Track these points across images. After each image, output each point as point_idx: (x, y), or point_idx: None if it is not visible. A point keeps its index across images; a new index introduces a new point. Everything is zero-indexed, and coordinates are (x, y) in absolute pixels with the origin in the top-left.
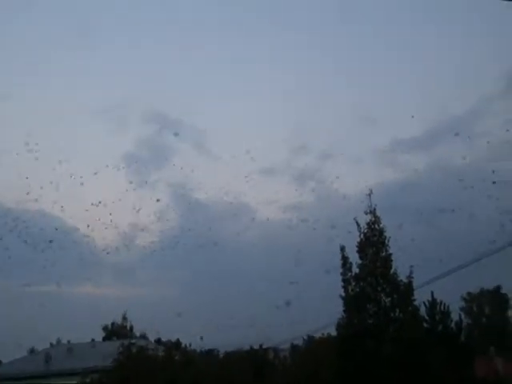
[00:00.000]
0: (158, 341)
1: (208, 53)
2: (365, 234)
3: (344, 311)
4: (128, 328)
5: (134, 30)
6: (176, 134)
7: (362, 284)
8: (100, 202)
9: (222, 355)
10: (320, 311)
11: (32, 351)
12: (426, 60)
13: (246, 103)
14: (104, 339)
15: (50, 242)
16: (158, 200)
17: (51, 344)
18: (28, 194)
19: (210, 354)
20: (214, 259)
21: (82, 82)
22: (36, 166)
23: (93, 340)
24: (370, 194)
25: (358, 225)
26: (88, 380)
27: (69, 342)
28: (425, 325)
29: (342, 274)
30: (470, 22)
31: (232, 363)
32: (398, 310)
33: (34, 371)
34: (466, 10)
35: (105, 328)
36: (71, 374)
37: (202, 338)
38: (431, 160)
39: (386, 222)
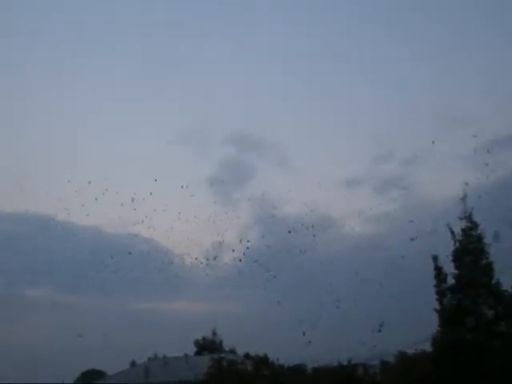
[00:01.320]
0: (247, 355)
1: (281, 68)
2: (460, 242)
3: (439, 325)
4: (218, 343)
5: (210, 56)
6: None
7: (458, 296)
8: (188, 223)
9: (309, 370)
10: (412, 325)
11: (133, 364)
12: None
13: (325, 115)
14: (196, 353)
15: (147, 263)
16: (241, 222)
17: (149, 358)
18: (125, 219)
19: (297, 369)
20: (299, 274)
21: (165, 110)
22: (129, 192)
23: (186, 354)
24: (463, 198)
25: (452, 232)
26: None
27: (164, 356)
28: None
29: (435, 285)
30: None
31: (320, 379)
32: (502, 323)
33: (136, 383)
34: None
35: (196, 342)
36: None
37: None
38: None
39: (482, 228)
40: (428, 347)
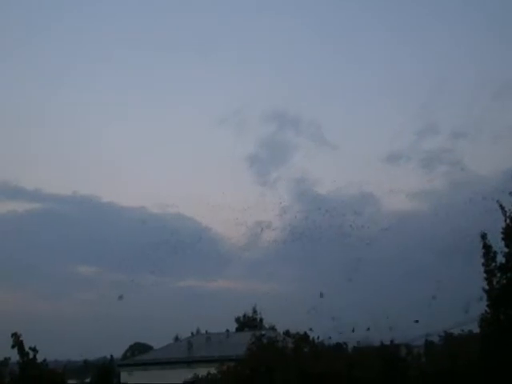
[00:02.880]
0: (287, 333)
1: (319, 43)
2: (511, 219)
3: (488, 306)
4: (258, 320)
5: (247, 36)
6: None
7: (509, 275)
8: (228, 203)
9: (350, 350)
10: (459, 305)
11: (176, 339)
12: None
13: (364, 88)
14: (237, 330)
15: (190, 242)
16: (280, 201)
17: (192, 333)
18: (168, 199)
19: (338, 348)
20: (339, 253)
21: (203, 91)
22: (169, 172)
23: (227, 330)
24: None
25: (502, 208)
26: (225, 368)
27: (207, 331)
28: None
29: (484, 264)
30: None
31: (362, 358)
32: None
33: (179, 357)
34: None
35: (237, 319)
36: (210, 361)
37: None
38: None
39: None
40: (475, 328)
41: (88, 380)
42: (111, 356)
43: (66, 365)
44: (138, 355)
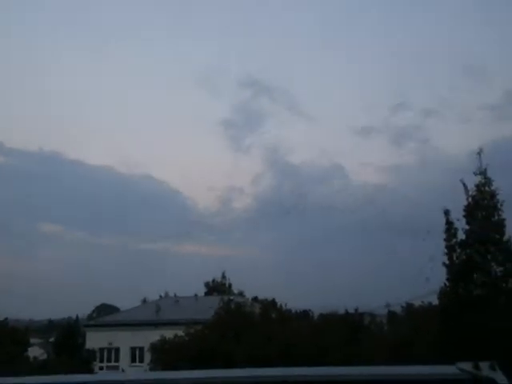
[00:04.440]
0: (255, 299)
1: (296, 14)
2: (473, 197)
3: (447, 280)
4: (227, 285)
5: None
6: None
7: (468, 251)
8: (201, 167)
9: (316, 317)
10: (419, 278)
11: (144, 301)
12: None
13: (339, 62)
14: (206, 294)
15: (159, 205)
16: (253, 169)
17: (160, 296)
18: (137, 160)
19: (304, 314)
20: (308, 222)
21: (179, 52)
22: (140, 133)
23: (196, 295)
24: (479, 153)
25: (465, 187)
26: (192, 331)
27: (175, 295)
28: None
29: (445, 239)
30: None
31: (327, 325)
32: (510, 281)
33: (147, 320)
34: None
35: (206, 284)
36: (177, 323)
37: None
38: None
39: (500, 184)
40: (434, 300)
41: (52, 339)
42: (76, 316)
43: (28, 324)
44: (104, 316)
